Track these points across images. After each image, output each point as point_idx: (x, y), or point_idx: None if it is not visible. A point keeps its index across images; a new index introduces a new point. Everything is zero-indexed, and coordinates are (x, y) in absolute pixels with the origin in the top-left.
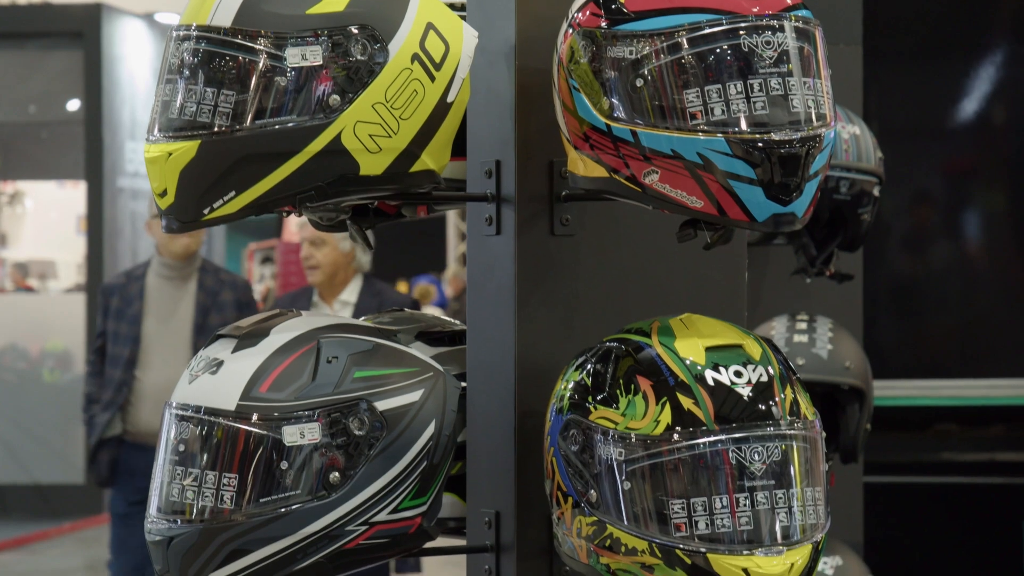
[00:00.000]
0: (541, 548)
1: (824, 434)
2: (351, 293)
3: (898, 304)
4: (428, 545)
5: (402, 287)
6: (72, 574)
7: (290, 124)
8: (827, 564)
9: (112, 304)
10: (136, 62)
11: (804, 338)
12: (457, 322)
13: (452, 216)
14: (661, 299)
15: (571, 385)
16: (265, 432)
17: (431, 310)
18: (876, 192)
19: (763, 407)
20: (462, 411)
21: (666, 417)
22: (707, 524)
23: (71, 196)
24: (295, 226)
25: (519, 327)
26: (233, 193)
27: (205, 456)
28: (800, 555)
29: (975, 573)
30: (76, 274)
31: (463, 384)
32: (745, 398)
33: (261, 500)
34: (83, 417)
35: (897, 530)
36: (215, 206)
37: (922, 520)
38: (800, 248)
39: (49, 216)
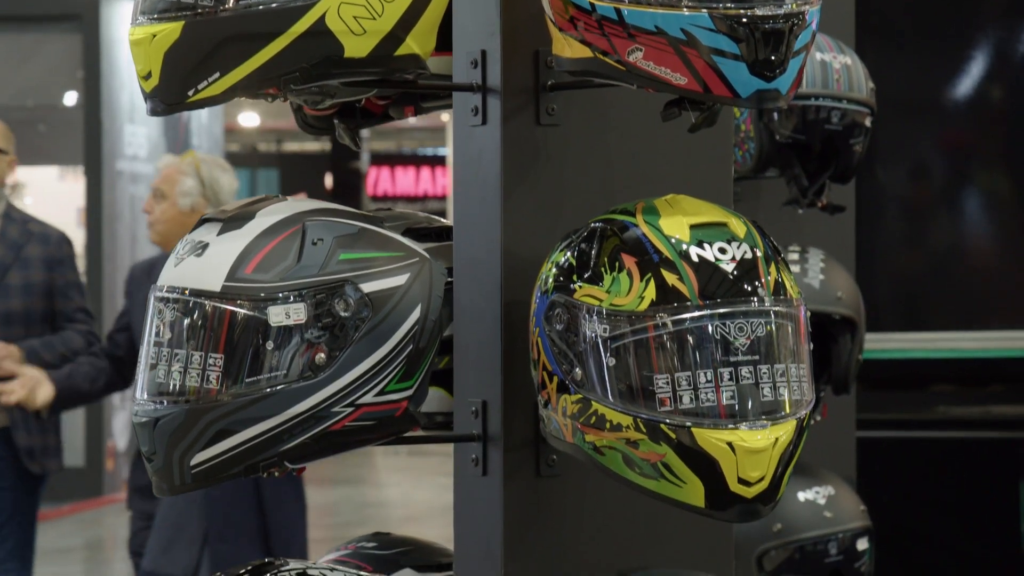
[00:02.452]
0: (527, 438)
1: (809, 314)
2: None
3: (893, 259)
4: (414, 434)
5: None
6: (72, 552)
7: (274, 5)
8: (819, 494)
9: None
10: None
11: (796, 268)
12: (445, 220)
13: (450, 204)
14: (648, 188)
15: (556, 266)
16: (251, 313)
17: None
18: (868, 123)
19: (747, 283)
20: (448, 305)
21: (650, 293)
22: (691, 399)
23: (71, 189)
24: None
25: (505, 217)
26: (218, 75)
27: (191, 337)
28: (784, 430)
29: (973, 529)
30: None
31: (449, 279)
32: (729, 274)
33: (247, 380)
34: None
35: (892, 487)
36: (200, 88)
37: (917, 476)
38: (792, 179)
39: (49, 210)
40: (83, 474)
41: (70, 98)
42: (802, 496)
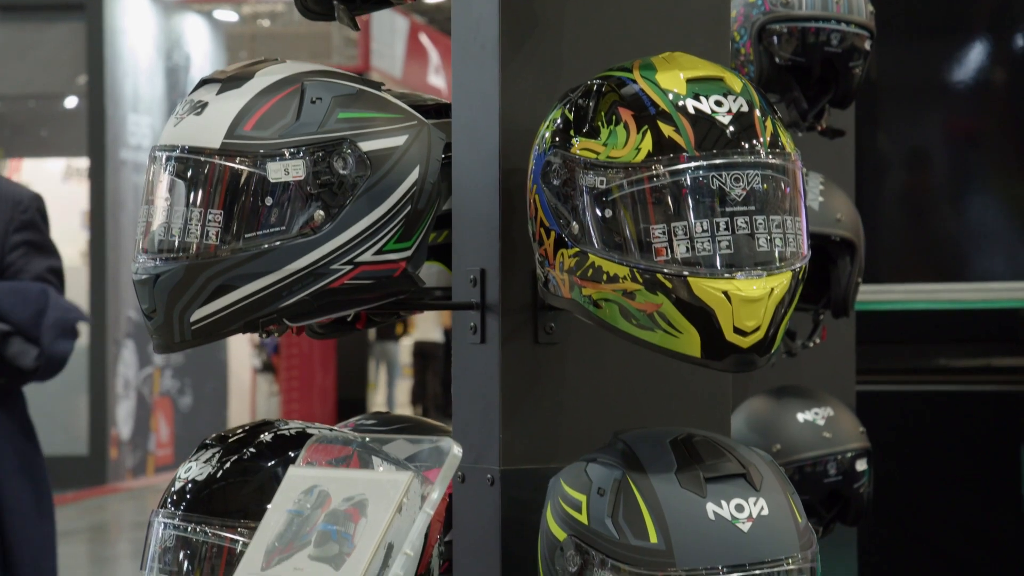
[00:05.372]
0: (525, 305)
1: (805, 170)
2: None
3: (895, 211)
4: (414, 302)
5: None
6: (76, 535)
7: None
8: (818, 415)
9: None
10: (137, 35)
11: None
12: (444, 100)
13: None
14: (645, 53)
15: (553, 123)
16: (250, 169)
17: None
18: (867, 46)
19: (743, 135)
20: (447, 178)
21: (647, 145)
22: (687, 248)
23: (75, 191)
24: None
25: (503, 84)
26: None
27: (190, 194)
28: (780, 281)
29: (973, 487)
30: (80, 261)
31: (447, 154)
32: (726, 127)
33: (246, 236)
34: None
35: (891, 440)
36: None
37: (916, 430)
38: (791, 103)
39: (53, 212)
40: (86, 462)
41: (74, 88)
42: (801, 417)
